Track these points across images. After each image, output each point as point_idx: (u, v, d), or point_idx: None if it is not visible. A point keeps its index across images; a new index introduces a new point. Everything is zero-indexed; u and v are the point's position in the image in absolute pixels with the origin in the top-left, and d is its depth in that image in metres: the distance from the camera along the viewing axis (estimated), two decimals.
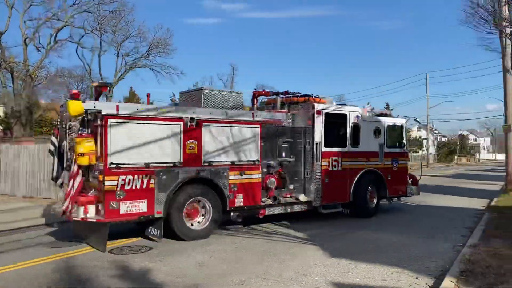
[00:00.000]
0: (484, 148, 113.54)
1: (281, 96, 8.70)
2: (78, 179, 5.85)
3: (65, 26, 22.67)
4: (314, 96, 8.73)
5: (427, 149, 53.44)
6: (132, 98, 28.25)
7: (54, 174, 6.38)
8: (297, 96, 8.66)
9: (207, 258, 6.18)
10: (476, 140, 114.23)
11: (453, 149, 73.71)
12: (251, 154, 7.46)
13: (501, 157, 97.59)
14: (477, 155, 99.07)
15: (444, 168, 48.24)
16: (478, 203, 13.22)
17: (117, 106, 5.90)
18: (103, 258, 5.92)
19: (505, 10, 11.25)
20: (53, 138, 6.40)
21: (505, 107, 14.92)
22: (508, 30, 11.32)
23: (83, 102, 5.71)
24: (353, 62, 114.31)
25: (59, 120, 6.52)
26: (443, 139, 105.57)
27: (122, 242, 6.75)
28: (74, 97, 5.77)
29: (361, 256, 6.48)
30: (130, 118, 5.92)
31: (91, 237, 6.22)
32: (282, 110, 8.34)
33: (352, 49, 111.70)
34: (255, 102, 8.44)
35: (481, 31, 11.16)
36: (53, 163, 6.38)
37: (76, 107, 5.68)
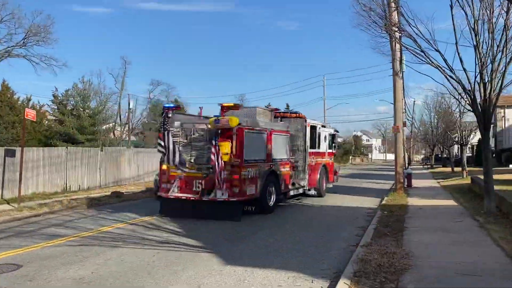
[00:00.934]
0: (376, 148, 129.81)
1: (275, 112, 14.16)
2: (224, 171, 10.20)
3: None
4: (296, 112, 14.41)
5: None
6: (4, 92, 24.71)
7: (176, 161, 10.71)
8: (288, 112, 14.44)
9: (88, 274, 6.18)
10: (368, 141, 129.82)
11: (348, 149, 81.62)
12: (285, 153, 12.98)
13: (391, 157, 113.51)
14: (370, 155, 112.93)
15: (341, 168, 53.74)
16: (371, 202, 14.89)
17: (247, 121, 11.24)
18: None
19: (395, 16, 12.89)
20: (160, 140, 10.70)
21: (394, 109, 17.17)
22: (397, 35, 12.89)
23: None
24: (255, 61, 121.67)
25: (163, 126, 10.63)
26: (339, 139, 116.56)
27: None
28: (178, 108, 11.67)
29: (257, 261, 6.77)
30: (251, 129, 11.10)
31: (223, 212, 10.33)
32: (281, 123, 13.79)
33: (254, 48, 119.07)
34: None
35: (373, 35, 12.59)
36: (167, 156, 10.71)
37: (235, 121, 10.45)
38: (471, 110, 11.01)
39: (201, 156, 11.29)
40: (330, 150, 17.33)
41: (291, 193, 13.64)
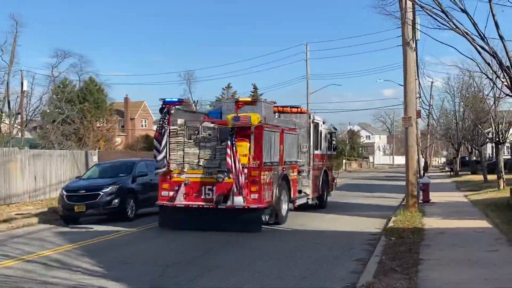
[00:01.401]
0: (380, 149, 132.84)
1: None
2: (242, 175, 12.51)
3: None
4: (297, 107, 17.04)
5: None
6: None
7: (164, 161, 13.51)
8: (288, 107, 16.73)
9: None
10: (370, 138, 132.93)
11: (341, 150, 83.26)
12: (294, 155, 15.86)
13: (400, 160, 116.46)
14: (371, 158, 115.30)
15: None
16: (374, 224, 15.31)
17: (265, 118, 13.65)
18: None
19: None
20: (156, 141, 13.28)
21: (405, 93, 17.55)
22: None
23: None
24: (210, 29, 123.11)
25: (161, 125, 13.14)
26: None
27: None
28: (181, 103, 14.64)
29: None
30: (269, 127, 13.39)
31: (240, 220, 13.06)
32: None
33: (207, 9, 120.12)
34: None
35: None
36: (159, 155, 13.37)
37: (257, 118, 12.74)
38: (510, 94, 11.46)
39: (211, 158, 13.97)
40: (330, 152, 20.46)
41: (297, 202, 16.47)
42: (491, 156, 62.67)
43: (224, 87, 71.50)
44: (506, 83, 11.33)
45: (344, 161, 79.76)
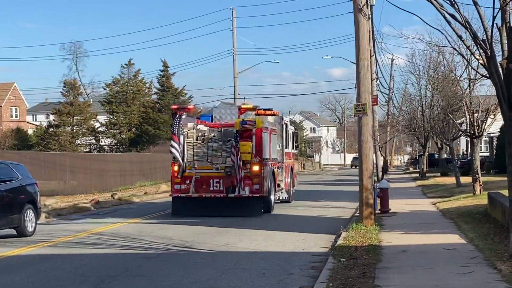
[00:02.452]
0: (328, 145, 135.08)
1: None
2: (243, 170, 21.28)
3: None
4: (270, 109, 24.94)
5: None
6: None
7: (183, 167, 21.80)
8: (262, 109, 23.67)
9: None
10: (315, 131, 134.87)
11: None
12: (276, 153, 24.52)
13: (351, 159, 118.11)
14: (316, 157, 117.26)
15: None
16: (319, 242, 15.51)
17: (256, 121, 22.28)
18: None
19: None
20: (173, 142, 21.43)
21: (358, 73, 17.78)
22: None
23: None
24: None
25: (177, 128, 21.41)
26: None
27: None
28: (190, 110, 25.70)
29: None
30: (265, 129, 22.59)
31: (246, 207, 21.63)
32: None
33: None
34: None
35: None
36: (177, 157, 21.56)
37: (260, 122, 21.85)
38: (487, 75, 11.84)
39: (217, 156, 21.95)
40: (294, 151, 29.06)
41: (277, 194, 24.95)
42: (465, 153, 65.22)
43: (124, 64, 70.36)
44: (482, 61, 11.69)
45: None
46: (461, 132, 34.83)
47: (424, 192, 33.37)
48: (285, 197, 27.40)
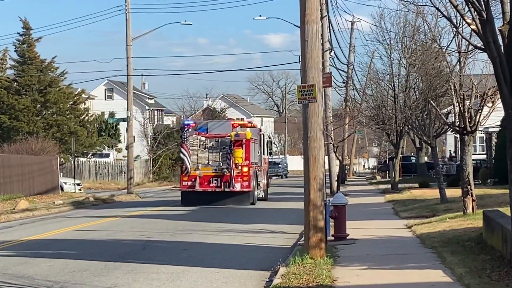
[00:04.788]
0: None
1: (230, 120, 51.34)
2: (235, 170, 43.38)
3: None
4: (251, 122, 55.85)
5: (128, 147, 58.97)
6: None
7: (189, 169, 43.63)
8: (246, 123, 49.30)
9: None
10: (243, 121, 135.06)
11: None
12: (256, 157, 47.58)
13: (297, 163, 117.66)
14: None
15: (165, 193, 54.95)
16: (246, 283, 15.68)
17: (246, 134, 45.57)
18: None
19: None
20: (182, 149, 44.40)
21: (303, 42, 17.90)
22: None
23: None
24: None
25: (185, 137, 44.31)
26: (170, 121, 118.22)
27: None
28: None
29: None
30: (252, 139, 45.26)
31: (237, 199, 43.74)
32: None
33: None
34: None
35: None
36: (185, 163, 43.90)
37: (249, 134, 44.31)
38: (482, 47, 12.02)
39: (216, 159, 42.46)
40: (268, 156, 51.47)
41: (258, 192, 44.62)
42: (453, 155, 66.30)
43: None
44: (475, 27, 11.89)
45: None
46: (447, 126, 34.99)
47: (396, 211, 33.71)
48: (262, 195, 45.92)
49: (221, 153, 42.02)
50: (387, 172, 67.79)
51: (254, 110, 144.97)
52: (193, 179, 41.74)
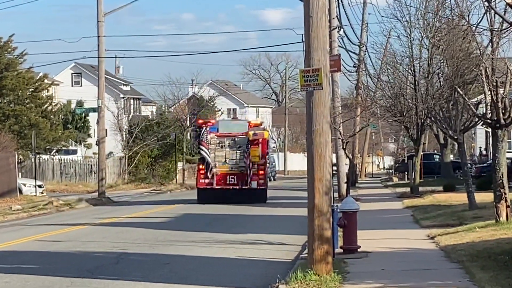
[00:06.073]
0: None
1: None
2: (252, 169, 54.77)
3: None
4: (262, 122, 64.91)
5: (99, 142, 59.25)
6: None
7: (211, 166, 53.88)
8: (259, 123, 61.31)
9: None
10: (237, 114, 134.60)
11: (174, 142, 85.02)
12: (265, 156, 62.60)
13: (299, 162, 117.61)
14: None
15: (142, 197, 55.99)
16: None
17: (268, 133, 67.52)
18: None
19: None
20: (202, 147, 54.45)
21: (308, 18, 17.92)
22: None
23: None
24: None
25: (204, 135, 54.73)
26: (148, 112, 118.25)
27: None
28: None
29: None
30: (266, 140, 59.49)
31: (253, 197, 54.18)
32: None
33: None
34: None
35: None
36: (206, 161, 53.95)
37: (267, 134, 60.33)
38: None
39: (233, 158, 52.25)
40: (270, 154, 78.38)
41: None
42: (483, 152, 66.35)
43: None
44: (510, 1, 11.95)
45: (181, 165, 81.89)
46: (477, 119, 35.10)
47: (416, 218, 33.79)
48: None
49: (237, 151, 50.63)
50: (406, 172, 67.92)
51: (249, 99, 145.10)
52: (211, 177, 49.67)
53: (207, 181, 50.01)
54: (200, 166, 51.05)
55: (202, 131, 50.95)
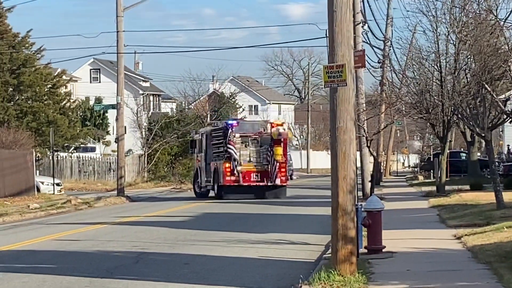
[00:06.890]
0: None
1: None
2: (277, 167, 60.49)
3: None
4: (283, 122, 68.80)
5: (118, 139, 59.48)
6: None
7: (237, 158, 59.52)
8: (281, 123, 65.33)
9: None
10: (258, 110, 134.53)
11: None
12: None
13: (323, 160, 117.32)
14: None
15: (162, 195, 56.11)
16: None
17: (291, 133, 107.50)
18: None
19: None
20: (231, 147, 59.41)
21: (331, 13, 17.88)
22: None
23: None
24: None
25: (233, 135, 60.09)
26: (168, 108, 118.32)
27: None
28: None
29: None
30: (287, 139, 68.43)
31: (276, 193, 61.06)
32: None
33: None
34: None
35: None
36: (235, 156, 59.30)
37: (291, 134, 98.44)
38: None
39: (257, 156, 58.20)
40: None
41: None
42: (511, 150, 66.04)
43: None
44: None
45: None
46: (505, 116, 35.08)
47: (442, 218, 33.72)
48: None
49: (261, 150, 55.89)
50: (432, 171, 67.63)
51: (270, 96, 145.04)
52: (236, 174, 54.48)
53: (233, 178, 54.39)
54: (226, 165, 54.56)
55: (230, 132, 55.06)
